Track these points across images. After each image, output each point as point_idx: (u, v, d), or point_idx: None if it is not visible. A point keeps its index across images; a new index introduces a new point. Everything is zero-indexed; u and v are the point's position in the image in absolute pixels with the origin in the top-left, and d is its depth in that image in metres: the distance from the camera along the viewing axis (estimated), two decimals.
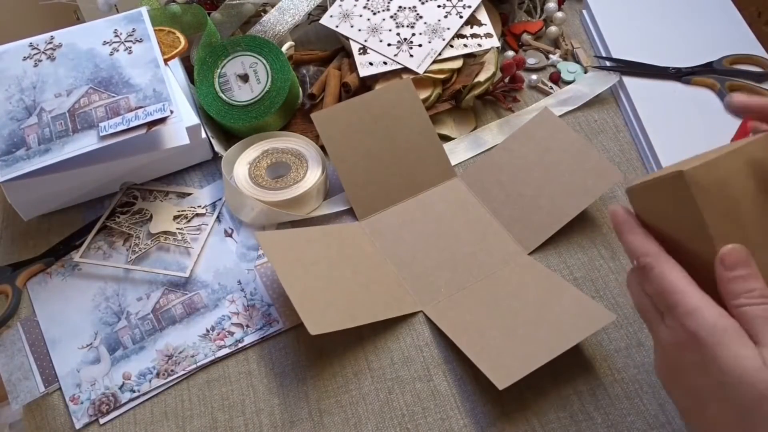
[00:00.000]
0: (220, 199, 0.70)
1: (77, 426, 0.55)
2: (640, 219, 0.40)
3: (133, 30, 0.69)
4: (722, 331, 0.34)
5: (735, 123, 0.66)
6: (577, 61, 0.80)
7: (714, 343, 0.34)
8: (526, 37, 0.83)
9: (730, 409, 0.34)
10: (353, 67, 0.76)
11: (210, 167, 0.73)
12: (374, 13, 0.78)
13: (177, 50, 0.74)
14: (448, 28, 0.76)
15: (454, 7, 0.78)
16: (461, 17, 0.77)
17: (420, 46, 0.75)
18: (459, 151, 0.72)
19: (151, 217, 0.68)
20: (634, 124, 0.73)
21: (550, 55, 0.81)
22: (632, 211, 0.41)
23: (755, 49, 0.77)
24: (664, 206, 0.39)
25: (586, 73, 0.79)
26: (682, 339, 0.35)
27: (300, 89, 0.77)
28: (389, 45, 0.76)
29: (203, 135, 0.70)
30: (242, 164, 0.70)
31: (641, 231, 0.39)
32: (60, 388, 0.58)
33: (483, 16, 0.79)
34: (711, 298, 0.35)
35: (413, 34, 0.76)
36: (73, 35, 0.69)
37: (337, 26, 0.78)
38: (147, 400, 0.57)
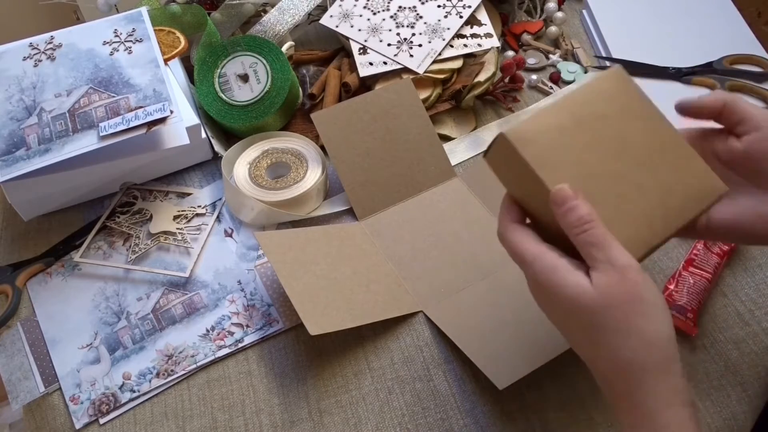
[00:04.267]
0: (220, 199, 0.70)
1: (77, 426, 0.55)
2: (503, 184, 0.45)
3: (133, 30, 0.69)
4: (553, 269, 0.39)
5: None
6: (577, 61, 0.80)
7: (551, 283, 0.39)
8: (526, 37, 0.83)
9: (579, 331, 0.40)
10: (353, 67, 0.76)
11: (210, 167, 0.73)
12: (374, 13, 0.78)
13: (177, 50, 0.74)
14: (448, 28, 0.76)
15: (454, 7, 0.78)
16: (461, 17, 0.77)
17: (420, 46, 0.75)
18: (459, 151, 0.72)
19: (151, 217, 0.68)
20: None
21: (550, 55, 0.81)
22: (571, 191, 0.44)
23: (755, 49, 0.77)
24: (506, 169, 0.44)
25: (586, 73, 0.79)
26: (533, 286, 0.42)
27: (300, 89, 0.77)
28: (389, 45, 0.76)
29: (203, 135, 0.70)
30: (242, 164, 0.70)
31: (580, 202, 0.41)
32: (60, 388, 0.58)
33: (483, 16, 0.79)
34: (556, 247, 0.41)
35: (413, 34, 0.76)
36: (73, 35, 0.69)
37: (337, 26, 0.78)
38: (147, 400, 0.57)
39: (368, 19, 0.78)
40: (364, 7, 0.79)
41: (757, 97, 0.73)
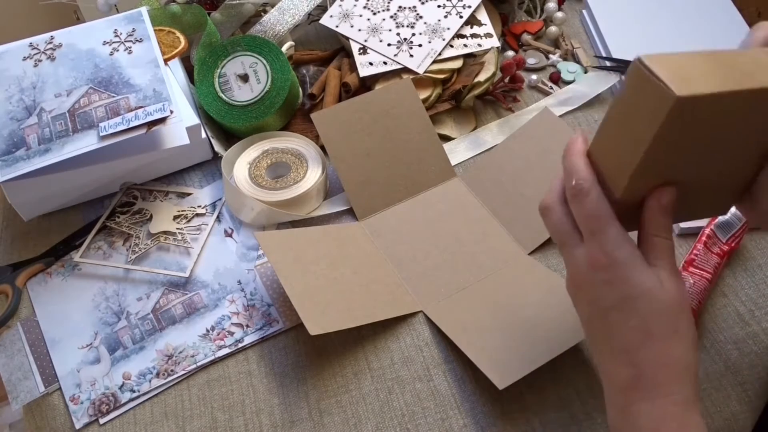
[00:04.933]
0: (220, 199, 0.70)
1: (77, 426, 0.55)
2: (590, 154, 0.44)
3: (133, 30, 0.69)
4: (634, 257, 0.41)
5: None
6: (577, 61, 0.80)
7: (627, 266, 0.40)
8: (526, 37, 0.83)
9: (631, 317, 0.41)
10: (353, 67, 0.76)
11: (210, 167, 0.73)
12: (374, 13, 0.78)
13: (177, 50, 0.74)
14: (448, 28, 0.76)
15: (454, 7, 0.78)
16: (461, 17, 0.77)
17: (420, 46, 0.75)
18: (459, 151, 0.72)
19: (151, 217, 0.68)
20: None
21: (550, 55, 0.81)
22: (585, 136, 0.44)
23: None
24: (623, 115, 0.41)
25: (586, 73, 0.79)
26: (599, 259, 0.41)
27: (300, 89, 0.77)
28: (389, 45, 0.76)
29: (203, 135, 0.70)
30: (242, 164, 0.70)
31: (586, 159, 0.43)
32: (60, 388, 0.58)
33: (483, 16, 0.79)
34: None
35: (413, 34, 0.76)
36: (73, 35, 0.69)
37: (337, 26, 0.78)
38: (147, 400, 0.57)
39: (368, 19, 0.78)
40: (364, 7, 0.79)
41: None
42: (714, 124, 0.39)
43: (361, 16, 0.78)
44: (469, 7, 0.78)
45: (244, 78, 0.73)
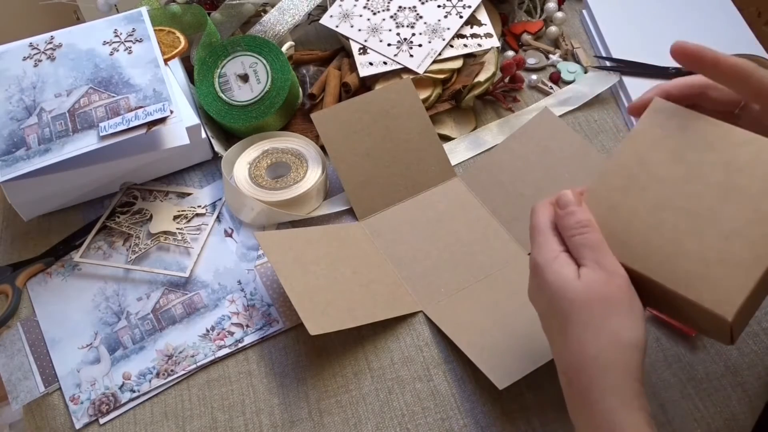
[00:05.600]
0: (220, 199, 0.70)
1: (77, 426, 0.55)
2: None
3: (133, 30, 0.69)
4: (552, 259, 0.41)
5: None
6: (577, 61, 0.80)
7: (545, 267, 0.41)
8: (526, 37, 0.83)
9: (555, 317, 0.41)
10: (353, 67, 0.76)
11: (210, 167, 0.73)
12: (374, 13, 0.78)
13: (177, 50, 0.74)
14: (448, 28, 0.76)
15: (454, 7, 0.78)
16: (461, 17, 0.77)
17: (420, 46, 0.75)
18: (459, 151, 0.72)
19: (151, 217, 0.68)
20: (634, 125, 0.72)
21: (550, 55, 0.81)
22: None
23: (755, 49, 0.77)
24: None
25: (586, 73, 0.79)
26: (532, 266, 0.43)
27: (300, 89, 0.77)
28: (389, 45, 0.76)
29: (203, 135, 0.70)
30: (242, 164, 0.70)
31: (581, 208, 0.43)
32: (60, 388, 0.58)
33: (483, 16, 0.79)
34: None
35: (413, 34, 0.76)
36: (73, 35, 0.69)
37: (337, 26, 0.78)
38: (147, 400, 0.57)
39: (368, 19, 0.78)
40: (364, 7, 0.79)
41: None
42: None
43: (361, 16, 0.78)
44: (469, 7, 0.78)
45: (244, 78, 0.73)
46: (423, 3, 0.79)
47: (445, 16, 0.77)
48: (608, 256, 0.40)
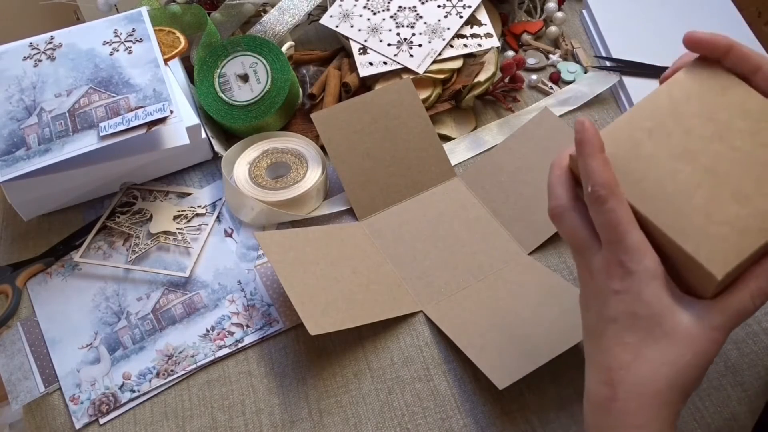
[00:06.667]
0: (220, 199, 0.70)
1: (77, 426, 0.55)
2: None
3: (133, 30, 0.69)
4: (654, 275, 0.38)
5: None
6: (577, 61, 0.80)
7: (642, 280, 0.38)
8: (526, 37, 0.83)
9: (629, 334, 0.38)
10: (353, 67, 0.76)
11: (210, 167, 0.73)
12: (374, 13, 0.78)
13: (177, 50, 0.74)
14: (448, 28, 0.76)
15: (454, 7, 0.78)
16: (461, 17, 0.77)
17: (420, 46, 0.75)
18: (459, 151, 0.72)
19: (151, 217, 0.68)
20: None
21: (550, 55, 0.81)
22: (597, 130, 0.41)
23: (755, 49, 0.76)
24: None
25: (586, 73, 0.79)
26: (613, 270, 0.38)
27: (300, 89, 0.77)
28: (389, 45, 0.76)
29: (203, 135, 0.70)
30: (242, 164, 0.70)
31: (604, 157, 0.39)
32: (60, 388, 0.58)
33: (483, 16, 0.79)
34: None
35: (413, 34, 0.76)
36: (73, 35, 0.69)
37: (337, 26, 0.78)
38: (147, 400, 0.57)
39: (368, 19, 0.78)
40: (364, 7, 0.79)
41: None
42: None
43: (361, 16, 0.78)
44: (469, 7, 0.78)
45: (244, 78, 0.73)
46: (423, 3, 0.79)
47: (445, 16, 0.77)
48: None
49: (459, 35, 0.77)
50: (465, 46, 0.76)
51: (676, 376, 0.37)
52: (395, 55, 0.75)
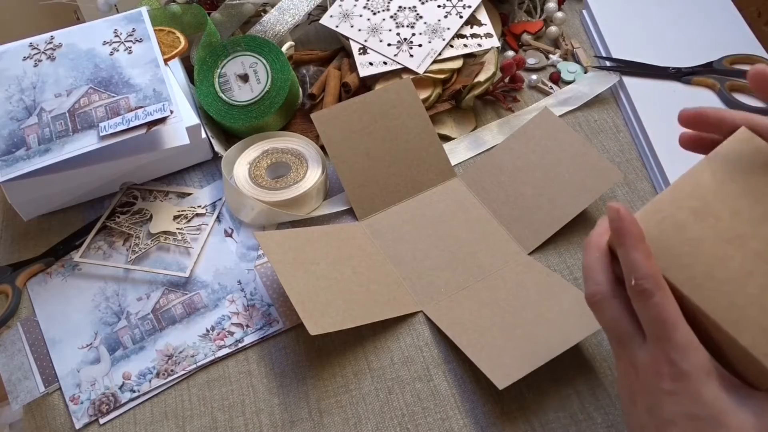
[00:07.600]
0: (220, 199, 0.70)
1: (77, 426, 0.55)
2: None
3: (133, 30, 0.69)
4: (708, 372, 0.36)
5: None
6: (577, 61, 0.80)
7: (697, 380, 0.36)
8: (526, 37, 0.83)
9: (684, 427, 0.36)
10: (353, 67, 0.76)
11: (210, 167, 0.73)
12: (374, 13, 0.78)
13: (177, 50, 0.74)
14: (448, 28, 0.76)
15: (454, 7, 0.78)
16: (461, 17, 0.77)
17: (420, 46, 0.75)
18: (459, 151, 0.72)
19: (151, 217, 0.68)
20: (634, 124, 0.73)
21: (550, 55, 0.81)
22: (635, 218, 0.39)
23: (755, 49, 0.77)
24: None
25: (586, 73, 0.79)
26: (663, 368, 0.37)
27: (300, 89, 0.77)
28: (389, 45, 0.76)
29: (203, 135, 0.70)
30: (242, 164, 0.70)
31: (645, 248, 0.37)
32: (60, 388, 0.58)
33: (483, 16, 0.79)
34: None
35: (413, 34, 0.76)
36: (73, 35, 0.69)
37: (337, 26, 0.78)
38: (147, 400, 0.57)
39: (368, 19, 0.78)
40: (364, 7, 0.79)
41: (756, 97, 0.73)
42: None
43: (361, 16, 0.78)
44: (469, 7, 0.78)
45: (244, 78, 0.73)
46: (423, 3, 0.79)
47: (445, 16, 0.77)
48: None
49: (459, 35, 0.77)
50: (465, 46, 0.76)
51: None
52: (395, 55, 0.75)
